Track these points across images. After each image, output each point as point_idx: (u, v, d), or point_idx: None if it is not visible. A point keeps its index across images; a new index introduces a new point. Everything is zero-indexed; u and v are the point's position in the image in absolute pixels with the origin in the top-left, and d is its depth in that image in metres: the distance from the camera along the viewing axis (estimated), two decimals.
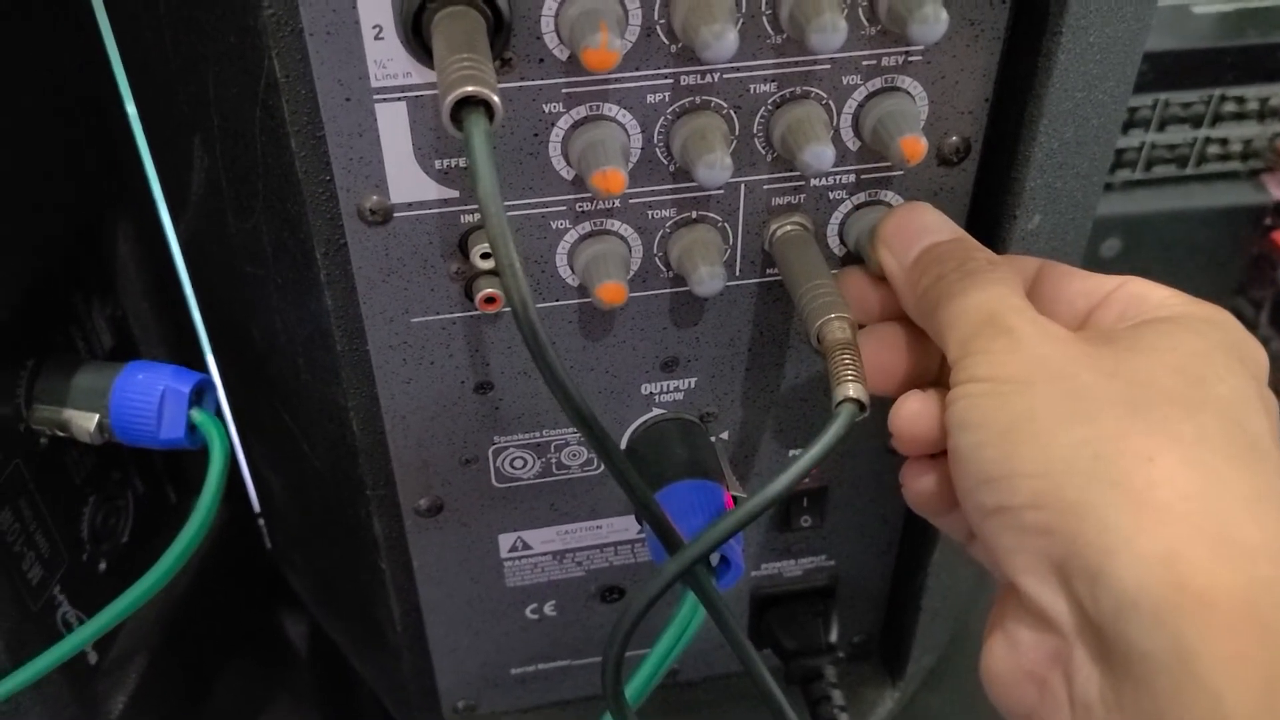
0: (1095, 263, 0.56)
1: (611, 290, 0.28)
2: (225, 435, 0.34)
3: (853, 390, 0.25)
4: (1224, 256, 0.59)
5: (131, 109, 0.36)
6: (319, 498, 0.38)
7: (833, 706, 0.37)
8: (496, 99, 0.21)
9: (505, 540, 0.36)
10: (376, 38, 0.25)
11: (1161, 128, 0.57)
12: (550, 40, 0.25)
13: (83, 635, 0.33)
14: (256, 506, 0.48)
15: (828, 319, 0.26)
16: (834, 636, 0.39)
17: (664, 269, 0.30)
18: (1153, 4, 0.27)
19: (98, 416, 0.33)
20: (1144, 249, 0.59)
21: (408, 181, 0.27)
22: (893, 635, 0.42)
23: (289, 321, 0.31)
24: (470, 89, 0.21)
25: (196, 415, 0.33)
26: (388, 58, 0.25)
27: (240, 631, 0.49)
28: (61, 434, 0.34)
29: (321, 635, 0.52)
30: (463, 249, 0.28)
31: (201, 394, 0.34)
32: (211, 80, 0.27)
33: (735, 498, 0.32)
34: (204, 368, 0.41)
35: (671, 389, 0.33)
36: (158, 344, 0.40)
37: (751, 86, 0.27)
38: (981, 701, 0.26)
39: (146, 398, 0.33)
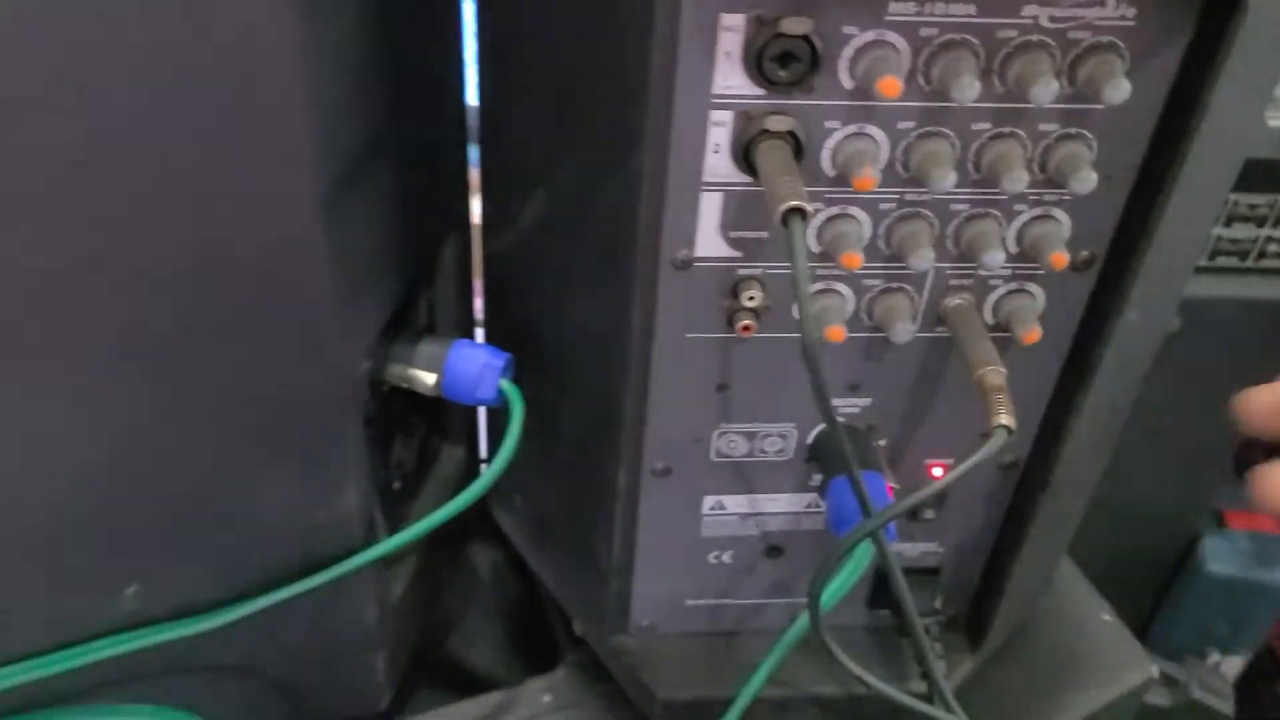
0: None
1: (835, 332, 0.40)
2: (523, 400, 0.46)
3: (1005, 419, 0.37)
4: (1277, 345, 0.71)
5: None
6: (566, 455, 0.50)
7: (934, 655, 0.49)
8: (810, 208, 0.34)
9: (708, 501, 0.48)
10: (714, 152, 0.37)
11: (1228, 224, 0.68)
12: (828, 167, 0.37)
13: (414, 531, 0.45)
14: (483, 454, 0.61)
15: (987, 369, 0.39)
16: (938, 604, 0.51)
17: (868, 319, 0.42)
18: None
19: (435, 375, 0.46)
20: (1203, 330, 0.70)
21: (708, 244, 0.40)
22: (977, 613, 0.54)
23: (589, 323, 0.44)
24: (795, 202, 0.34)
25: (504, 384, 0.46)
26: (720, 165, 0.37)
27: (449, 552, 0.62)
28: (403, 385, 0.47)
29: (505, 564, 0.65)
30: (734, 292, 0.41)
31: (507, 368, 0.47)
32: (583, 158, 0.40)
33: (893, 488, 0.44)
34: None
35: (850, 405, 0.45)
36: (452, 324, 0.53)
37: (952, 206, 0.39)
38: (1039, 674, 0.37)
39: (472, 366, 0.46)
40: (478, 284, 0.55)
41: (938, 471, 0.48)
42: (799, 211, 0.34)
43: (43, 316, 0.35)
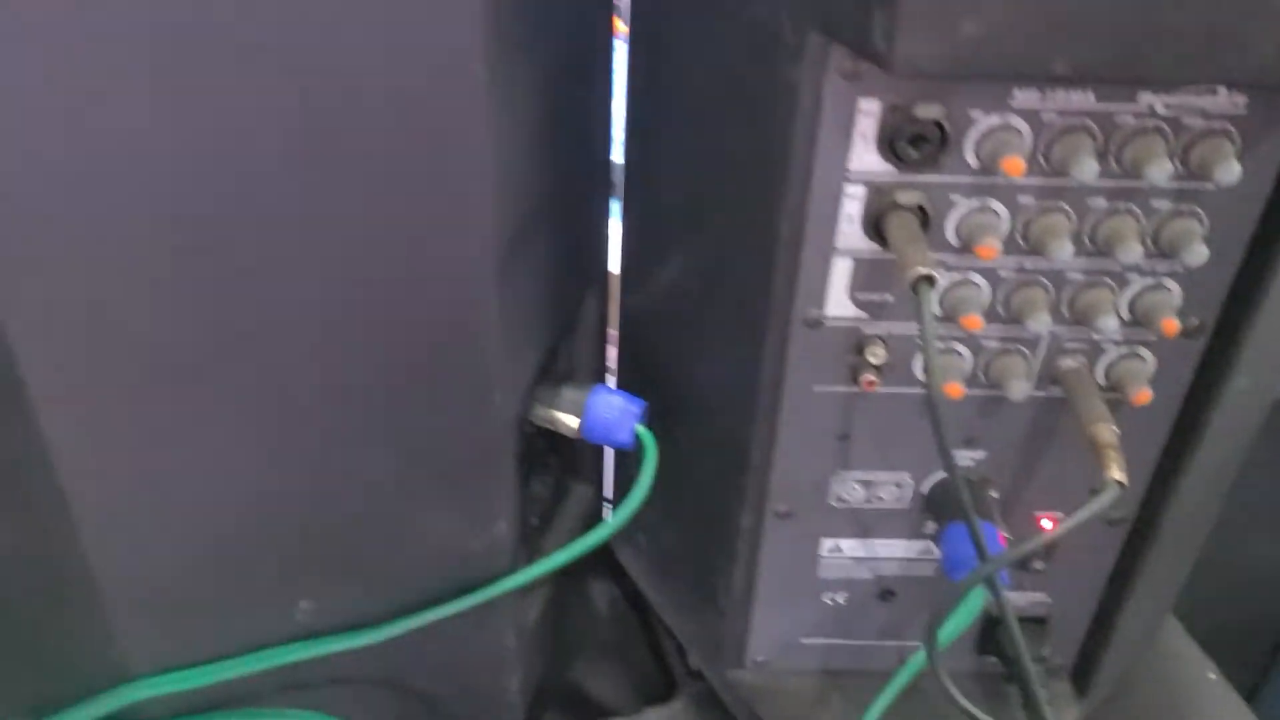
0: None
1: (954, 389, 0.43)
2: (656, 444, 0.50)
3: (1117, 474, 0.40)
4: None
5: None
6: (691, 496, 0.54)
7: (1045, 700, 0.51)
8: (937, 276, 0.37)
9: (826, 543, 0.51)
10: (847, 222, 0.41)
11: None
12: (953, 237, 0.41)
13: (555, 561, 0.49)
14: (607, 493, 0.65)
15: (1100, 426, 0.41)
16: (1046, 653, 0.53)
17: (984, 377, 0.45)
18: None
19: (577, 419, 0.50)
20: None
21: (837, 305, 0.43)
22: (1083, 664, 0.56)
23: (721, 374, 0.48)
24: (925, 270, 0.37)
25: (639, 428, 0.50)
26: (851, 234, 0.41)
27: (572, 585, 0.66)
28: (546, 427, 0.51)
29: (621, 598, 0.69)
30: (859, 349, 0.44)
31: (642, 414, 0.51)
32: (723, 223, 0.44)
33: (1005, 538, 0.47)
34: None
35: (967, 458, 0.48)
36: (588, 370, 0.57)
37: (1068, 274, 0.42)
38: None
39: (611, 411, 0.50)
40: (609, 332, 0.59)
41: (1047, 524, 0.50)
42: (928, 279, 0.37)
43: (251, 364, 0.40)
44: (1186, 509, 0.48)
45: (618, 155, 0.53)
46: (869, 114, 0.38)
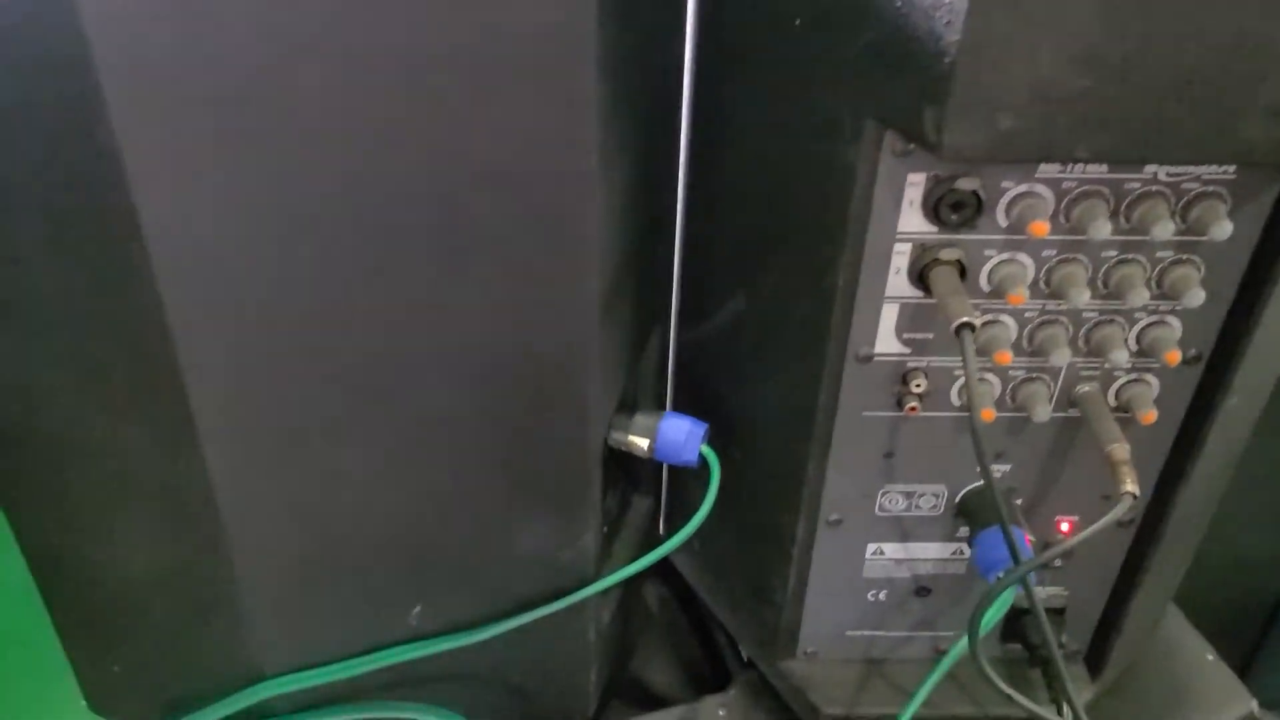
0: None
1: (989, 414, 0.50)
2: (720, 462, 0.57)
3: (1130, 487, 0.46)
4: None
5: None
6: (748, 507, 0.60)
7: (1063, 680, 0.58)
8: (978, 322, 0.44)
9: (871, 547, 0.58)
10: (895, 274, 0.47)
11: None
12: (985, 284, 0.48)
13: (634, 567, 0.56)
14: (660, 504, 0.71)
15: (1114, 445, 0.48)
16: (1064, 640, 0.60)
17: (1010, 401, 0.52)
18: None
19: (649, 440, 0.57)
20: None
21: (885, 343, 0.50)
22: (1095, 649, 0.63)
23: (779, 401, 0.55)
24: (967, 318, 0.44)
25: (704, 449, 0.57)
26: (899, 284, 0.48)
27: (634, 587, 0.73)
28: (621, 449, 0.58)
29: (672, 598, 0.75)
30: (903, 380, 0.51)
31: (705, 435, 0.57)
32: (782, 271, 0.51)
33: (1030, 540, 0.53)
34: None
35: (995, 470, 0.55)
36: (650, 397, 0.64)
37: (1084, 314, 0.49)
38: (1150, 706, 0.45)
39: (679, 434, 0.57)
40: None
41: (1065, 526, 0.57)
42: (969, 326, 0.44)
43: (390, 405, 0.46)
44: (1187, 511, 0.55)
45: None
46: (916, 184, 0.45)
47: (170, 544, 0.50)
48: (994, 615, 0.52)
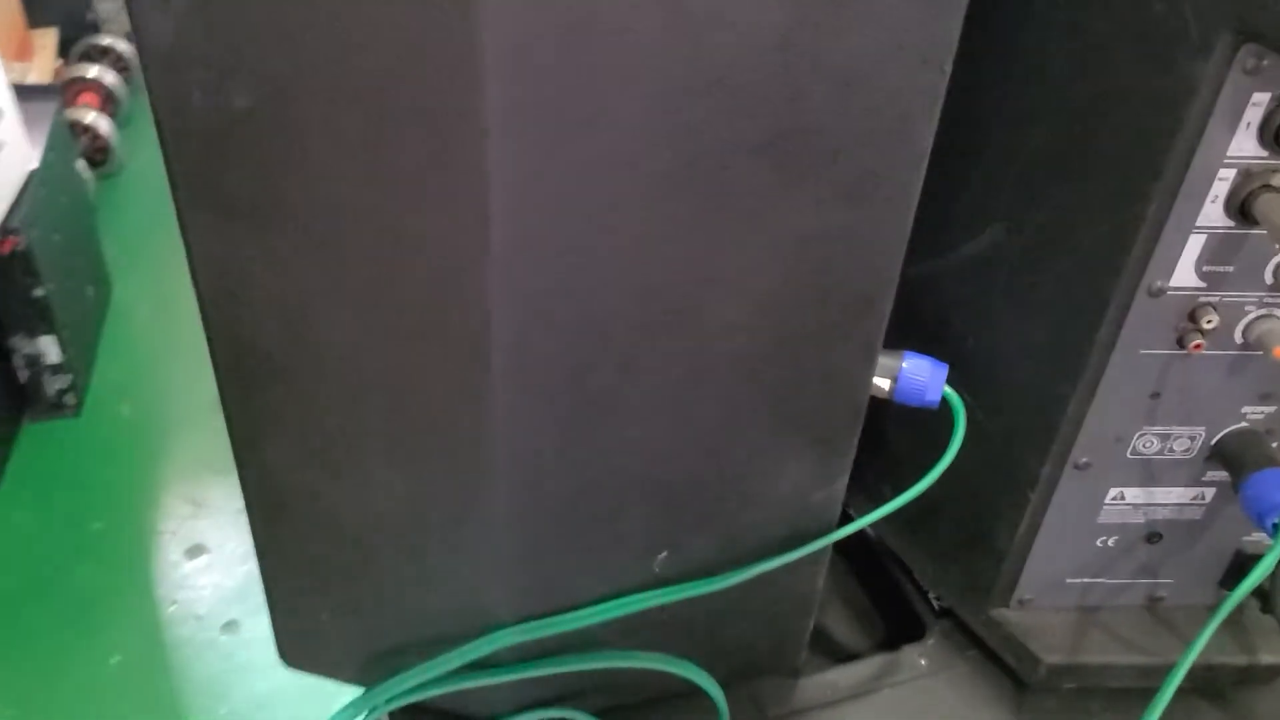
0: None
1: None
2: (963, 405, 0.54)
3: None
4: None
5: None
6: (981, 452, 0.58)
7: None
8: None
9: (1112, 492, 0.56)
10: (1211, 202, 0.45)
11: None
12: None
13: (878, 513, 0.54)
14: None
15: None
16: None
17: None
18: None
19: (890, 382, 0.55)
20: None
21: (1182, 276, 0.47)
22: None
23: (1041, 340, 0.52)
24: None
25: (947, 390, 0.54)
26: (1213, 213, 0.45)
27: None
28: None
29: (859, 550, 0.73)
30: (1191, 316, 0.49)
31: (945, 376, 0.55)
32: (1073, 201, 0.48)
33: None
34: None
35: (1258, 411, 0.53)
36: None
37: None
38: None
39: (921, 375, 0.54)
40: None
41: None
42: None
43: (676, 332, 0.43)
44: None
45: None
46: (1258, 105, 0.42)
47: (428, 483, 0.47)
48: (1269, 565, 0.50)
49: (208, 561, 1.41)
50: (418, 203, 0.38)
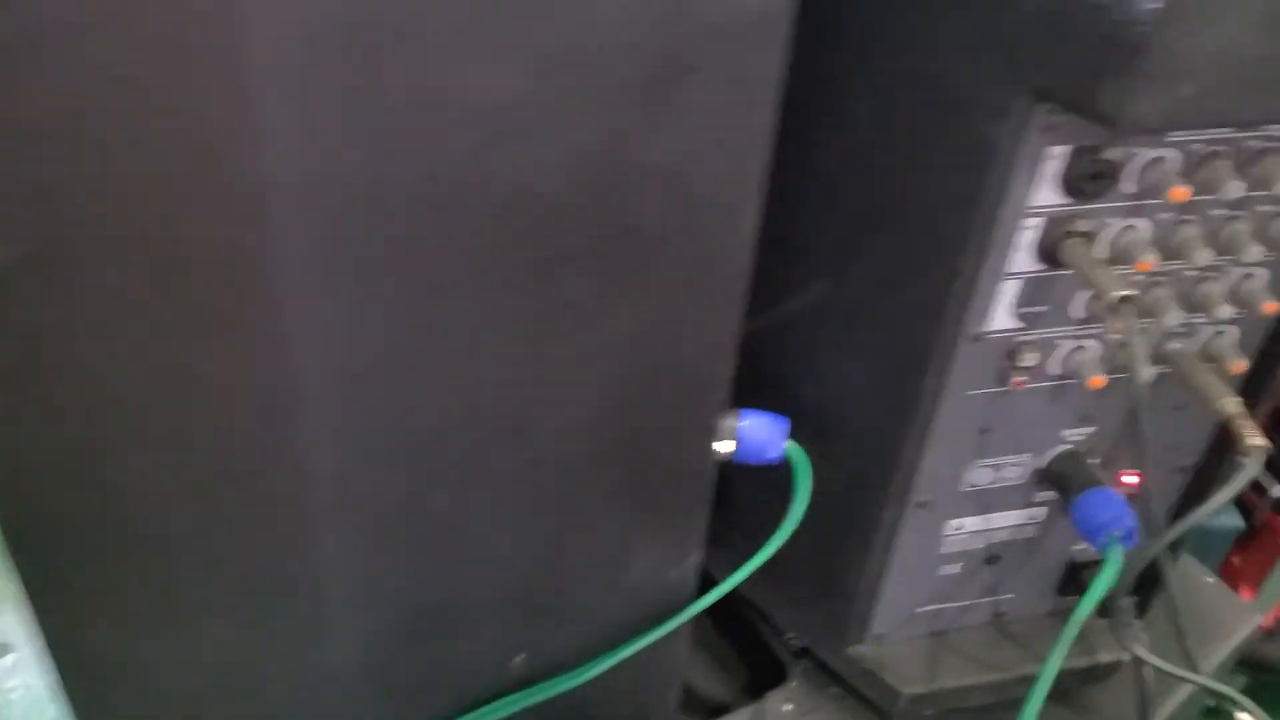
0: None
1: (1097, 380, 0.50)
2: (806, 457, 0.54)
3: (1258, 439, 0.47)
4: None
5: None
6: (821, 499, 0.58)
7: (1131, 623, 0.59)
8: (1135, 293, 0.43)
9: (952, 524, 0.57)
10: (1020, 252, 0.46)
11: None
12: (1106, 253, 0.47)
13: (735, 579, 0.53)
14: None
15: (1224, 400, 0.49)
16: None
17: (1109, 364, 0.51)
18: None
19: (731, 444, 0.54)
20: None
21: (999, 320, 0.48)
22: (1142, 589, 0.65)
23: (873, 387, 0.52)
24: (1125, 292, 0.43)
25: (788, 444, 0.54)
26: (1022, 260, 0.46)
27: None
28: None
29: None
30: (1010, 357, 0.50)
31: (787, 430, 0.55)
32: (886, 255, 0.49)
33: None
34: None
35: (1079, 434, 0.55)
36: None
37: (1184, 273, 0.49)
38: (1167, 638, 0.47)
39: (761, 432, 0.54)
40: None
41: (1129, 479, 0.58)
42: (1128, 299, 0.43)
43: (511, 441, 0.41)
44: None
45: None
46: (1056, 158, 0.43)
47: (259, 631, 0.43)
48: (1108, 580, 0.52)
49: (14, 661, 1.30)
50: (210, 352, 0.34)
